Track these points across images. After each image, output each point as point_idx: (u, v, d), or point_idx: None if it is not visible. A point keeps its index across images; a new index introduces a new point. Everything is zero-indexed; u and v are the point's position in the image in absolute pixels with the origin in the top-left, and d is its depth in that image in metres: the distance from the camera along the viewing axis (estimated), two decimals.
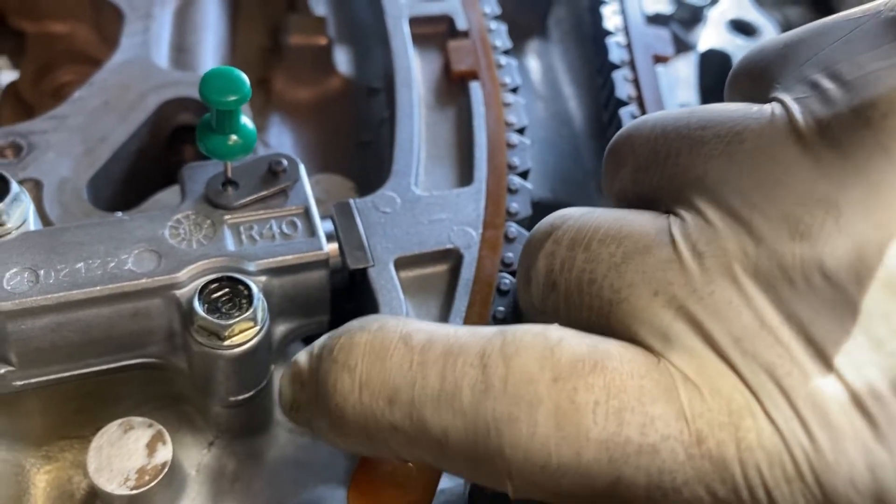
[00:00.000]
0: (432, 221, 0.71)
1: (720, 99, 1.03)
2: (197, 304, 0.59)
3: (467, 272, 0.68)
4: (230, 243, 0.64)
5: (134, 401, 0.68)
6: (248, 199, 0.66)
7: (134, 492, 0.61)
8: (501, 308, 0.68)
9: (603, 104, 0.89)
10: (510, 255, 0.70)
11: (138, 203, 0.79)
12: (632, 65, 0.87)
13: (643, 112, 0.83)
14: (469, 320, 0.66)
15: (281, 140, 0.99)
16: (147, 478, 0.61)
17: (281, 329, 0.67)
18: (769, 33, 1.05)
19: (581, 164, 1.00)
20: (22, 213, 0.64)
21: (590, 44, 1.00)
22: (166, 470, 0.62)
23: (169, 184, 0.80)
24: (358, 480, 0.57)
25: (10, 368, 0.62)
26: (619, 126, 0.82)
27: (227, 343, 0.60)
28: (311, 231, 0.66)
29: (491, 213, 0.72)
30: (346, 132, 1.01)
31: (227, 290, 0.61)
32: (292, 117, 1.02)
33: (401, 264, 0.68)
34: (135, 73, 0.87)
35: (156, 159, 0.86)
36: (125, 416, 0.64)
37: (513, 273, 0.70)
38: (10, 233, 0.63)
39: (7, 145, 0.79)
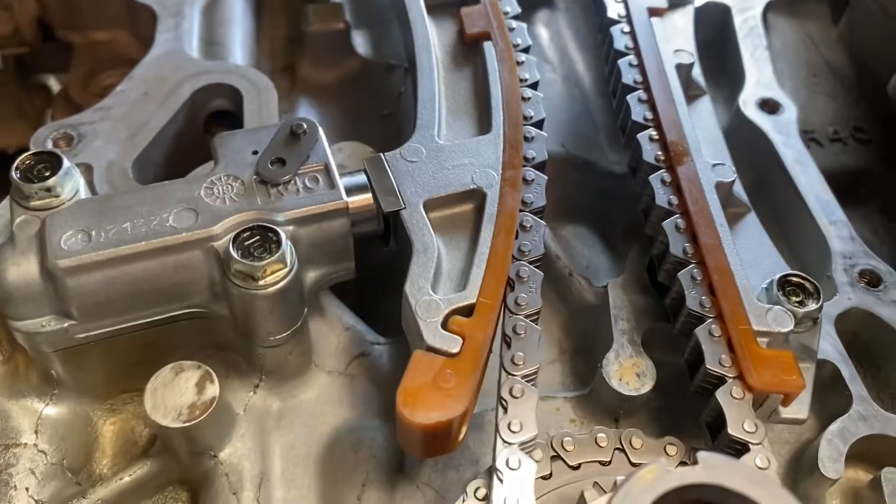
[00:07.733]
0: (456, 166, 0.76)
1: (719, 50, 1.06)
2: (232, 250, 0.66)
3: (491, 208, 0.73)
4: (259, 199, 0.70)
5: (186, 351, 0.74)
6: (292, 174, 0.72)
7: (187, 424, 0.68)
8: (526, 242, 0.72)
9: (604, 58, 0.93)
10: (529, 195, 0.75)
11: None
12: (628, 19, 0.91)
13: (640, 62, 0.87)
14: (495, 249, 0.70)
15: None
16: (198, 412, 0.68)
17: (311, 275, 0.73)
18: None
19: (592, 121, 1.04)
20: (73, 185, 0.71)
21: (591, 7, 1.04)
22: (215, 405, 0.69)
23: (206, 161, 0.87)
24: (406, 386, 0.62)
25: (73, 322, 0.69)
26: (619, 77, 0.87)
27: (261, 283, 0.66)
28: (332, 184, 0.72)
29: (510, 155, 0.77)
30: (367, 107, 1.07)
31: (258, 237, 0.67)
32: (317, 98, 1.09)
33: (430, 206, 0.73)
34: (170, 66, 0.95)
35: (193, 141, 0.93)
36: None
37: (533, 212, 0.74)
38: (64, 203, 0.70)
39: (60, 137, 0.87)
